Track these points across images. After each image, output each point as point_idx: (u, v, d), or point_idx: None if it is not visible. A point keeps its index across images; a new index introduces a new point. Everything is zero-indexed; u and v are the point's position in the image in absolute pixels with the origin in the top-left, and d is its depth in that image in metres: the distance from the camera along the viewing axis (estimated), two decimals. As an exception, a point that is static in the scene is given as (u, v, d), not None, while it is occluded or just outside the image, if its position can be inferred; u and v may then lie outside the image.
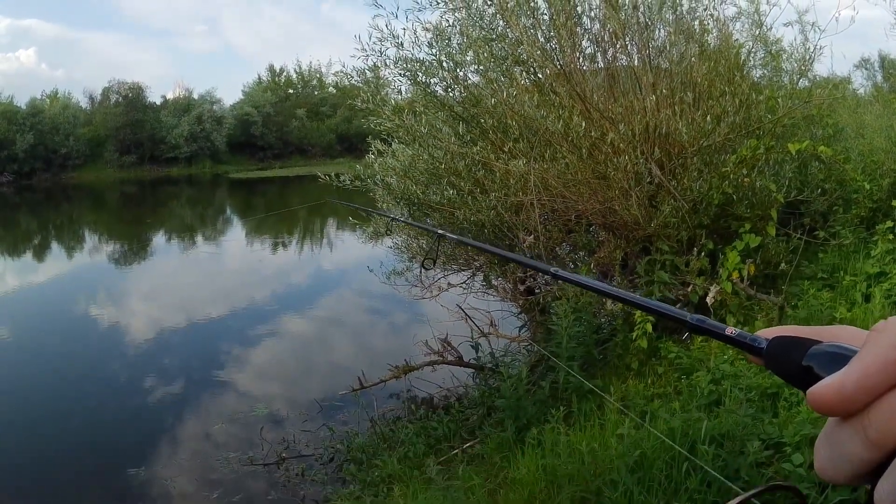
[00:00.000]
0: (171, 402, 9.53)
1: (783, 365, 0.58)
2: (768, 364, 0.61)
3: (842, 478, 0.49)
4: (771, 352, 0.60)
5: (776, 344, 0.60)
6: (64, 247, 26.37)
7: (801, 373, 0.55)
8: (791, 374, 0.57)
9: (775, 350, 0.60)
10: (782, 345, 0.59)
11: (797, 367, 0.56)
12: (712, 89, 6.91)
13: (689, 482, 3.70)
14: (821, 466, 0.51)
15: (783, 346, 0.59)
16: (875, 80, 23.43)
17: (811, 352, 0.55)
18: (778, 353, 0.59)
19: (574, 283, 1.37)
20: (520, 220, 7.26)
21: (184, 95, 70.01)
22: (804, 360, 0.55)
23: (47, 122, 59.18)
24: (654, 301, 1.00)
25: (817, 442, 0.52)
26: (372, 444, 7.16)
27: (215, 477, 7.24)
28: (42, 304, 16.77)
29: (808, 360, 0.55)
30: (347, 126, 71.99)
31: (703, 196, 6.69)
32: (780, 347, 0.59)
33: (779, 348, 0.59)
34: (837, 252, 7.26)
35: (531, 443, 5.13)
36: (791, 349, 0.57)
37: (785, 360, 0.58)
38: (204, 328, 13.54)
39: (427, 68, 7.53)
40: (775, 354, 0.60)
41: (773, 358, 0.60)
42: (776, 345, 0.60)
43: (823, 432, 0.51)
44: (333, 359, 11.49)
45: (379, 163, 8.60)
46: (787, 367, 0.57)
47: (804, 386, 0.53)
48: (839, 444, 0.48)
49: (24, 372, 11.04)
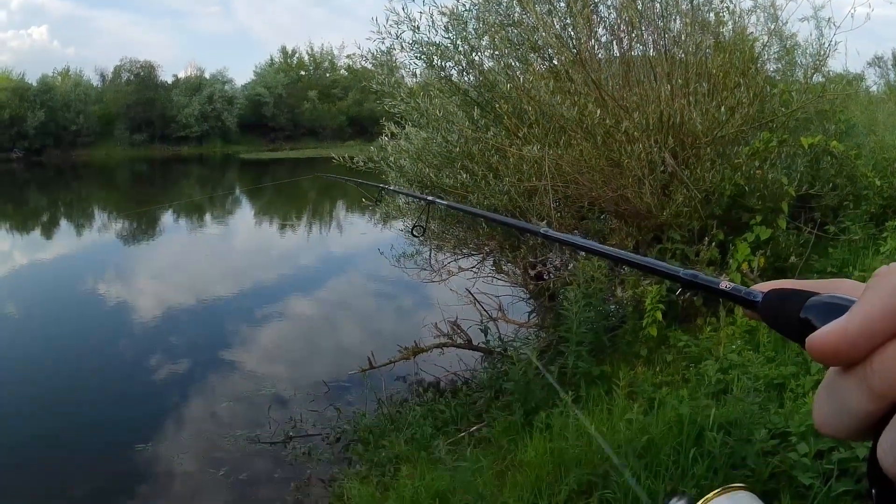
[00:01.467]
0: (178, 381, 9.56)
1: (779, 317, 0.56)
2: (764, 317, 0.59)
3: (843, 432, 0.47)
4: (767, 304, 0.59)
5: (772, 296, 0.58)
6: (73, 224, 26.45)
7: (799, 325, 0.52)
8: (788, 326, 0.54)
9: (771, 302, 0.58)
10: (779, 297, 0.57)
11: (795, 320, 0.53)
12: (727, 81, 6.90)
13: (696, 468, 3.72)
14: (821, 421, 0.49)
15: (779, 298, 0.57)
16: (888, 77, 23.32)
17: (809, 303, 0.52)
18: (774, 306, 0.57)
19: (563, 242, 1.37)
20: (533, 205, 7.27)
21: (195, 75, 70.16)
22: (802, 312, 0.53)
23: (58, 99, 59.37)
24: (646, 258, 0.97)
25: (816, 395, 0.49)
26: (379, 425, 7.17)
27: (221, 455, 7.26)
28: (50, 281, 16.80)
29: (806, 311, 0.52)
30: (359, 109, 71.95)
31: (716, 187, 6.69)
32: (776, 300, 0.57)
33: (775, 300, 0.57)
34: (847, 247, 7.26)
35: (539, 426, 5.16)
36: (788, 301, 0.55)
37: (781, 313, 0.56)
38: (211, 307, 13.56)
39: (443, 52, 7.53)
40: (771, 307, 0.58)
41: (768, 310, 0.58)
42: (772, 297, 0.58)
43: (823, 385, 0.49)
44: (341, 340, 11.51)
45: (392, 145, 8.59)
46: (783, 319, 0.55)
47: (802, 339, 0.50)
48: (840, 395, 0.46)
49: (30, 348, 11.07)
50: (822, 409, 0.49)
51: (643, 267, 0.97)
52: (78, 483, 6.93)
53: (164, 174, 49.56)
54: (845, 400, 0.46)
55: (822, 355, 0.46)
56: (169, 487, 6.80)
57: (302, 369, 9.98)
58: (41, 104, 57.69)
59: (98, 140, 62.08)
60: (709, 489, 3.29)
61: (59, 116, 58.86)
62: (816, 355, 0.47)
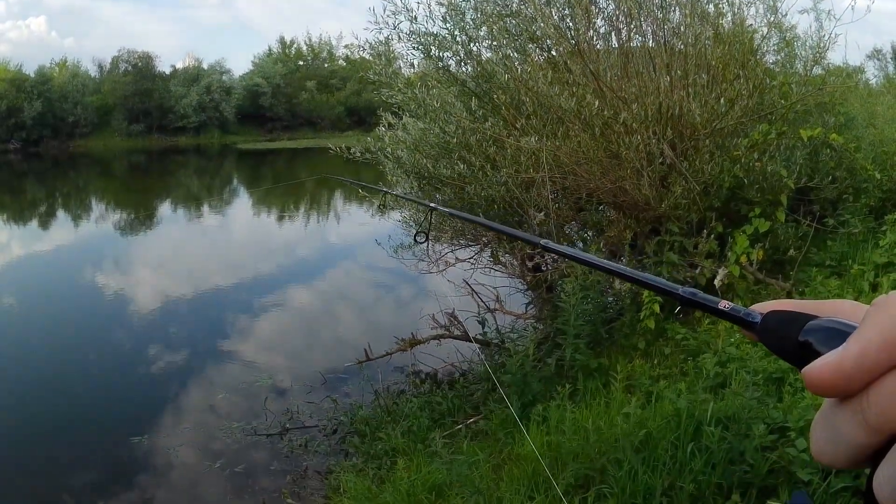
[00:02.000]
0: (176, 372, 9.57)
1: (778, 340, 0.55)
2: (763, 339, 0.58)
3: (840, 462, 0.47)
4: (765, 326, 0.57)
5: (771, 318, 0.57)
6: (70, 215, 26.39)
7: (797, 348, 0.52)
8: (786, 349, 0.54)
9: (770, 324, 0.57)
10: (778, 319, 0.56)
11: (793, 343, 0.52)
12: (726, 72, 6.87)
13: (693, 463, 3.70)
14: (818, 450, 0.48)
15: (779, 321, 0.56)
16: (887, 70, 23.31)
17: (808, 327, 0.52)
18: (773, 328, 0.56)
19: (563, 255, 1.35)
20: (530, 196, 7.24)
21: (193, 65, 70.06)
22: (801, 335, 0.52)
23: (56, 90, 59.32)
24: (645, 274, 0.96)
25: (814, 423, 0.49)
26: (376, 417, 7.18)
27: (218, 447, 7.26)
28: (47, 272, 16.79)
29: (805, 335, 0.52)
30: (357, 99, 71.95)
31: (715, 179, 6.67)
32: (775, 322, 0.56)
33: (774, 322, 0.56)
34: (846, 240, 7.25)
35: (536, 419, 5.14)
36: (787, 324, 0.54)
37: (780, 335, 0.55)
38: (209, 298, 13.57)
39: (440, 42, 7.48)
40: (770, 329, 0.57)
41: (767, 332, 0.57)
42: (771, 319, 0.57)
43: (820, 413, 0.48)
44: (338, 331, 11.51)
45: (389, 136, 8.56)
46: (782, 342, 0.54)
47: (800, 363, 0.50)
48: (837, 426, 0.46)
49: (28, 339, 11.06)
50: (818, 438, 0.48)
51: (643, 283, 0.96)
52: (74, 473, 6.94)
53: (161, 165, 49.58)
54: (841, 431, 0.46)
55: (818, 388, 0.46)
56: (166, 479, 6.81)
57: (299, 360, 9.98)
58: (38, 95, 57.60)
59: (95, 131, 62.04)
60: (706, 484, 3.27)
61: (56, 107, 58.79)
62: (812, 387, 0.46)
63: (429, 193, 8.39)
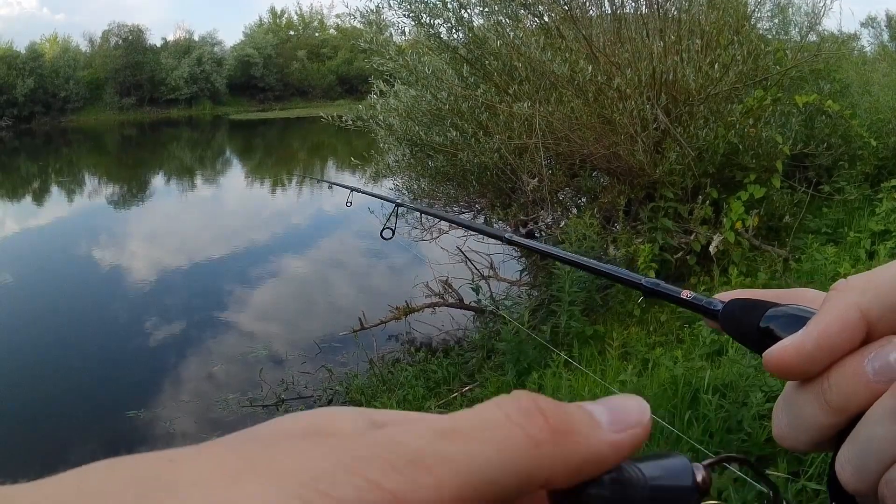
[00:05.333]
0: (171, 344, 9.56)
1: (740, 327, 0.55)
2: (724, 326, 0.57)
3: (802, 444, 0.47)
4: (727, 314, 0.57)
5: (732, 306, 0.56)
6: (63, 190, 26.26)
7: (759, 335, 0.52)
8: (748, 336, 0.54)
9: (732, 312, 0.56)
10: (739, 307, 0.56)
11: (754, 330, 0.52)
12: (720, 38, 6.82)
13: (691, 432, 3.68)
14: (780, 433, 0.48)
15: (740, 308, 0.55)
16: (882, 38, 23.20)
17: (769, 314, 0.52)
18: (734, 316, 0.56)
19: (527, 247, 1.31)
20: (523, 163, 7.20)
21: (184, 37, 69.68)
22: (762, 321, 0.52)
23: (47, 66, 58.90)
24: (609, 266, 0.95)
25: (775, 407, 0.49)
26: (371, 386, 7.16)
27: (214, 418, 7.25)
28: (41, 247, 16.76)
29: (766, 321, 0.51)
30: (348, 68, 71.58)
31: (709, 144, 6.63)
32: (736, 309, 0.56)
33: (735, 310, 0.56)
34: (842, 207, 7.24)
35: (531, 387, 5.12)
36: (748, 311, 0.54)
37: (741, 323, 0.54)
38: (203, 269, 13.54)
39: (431, 9, 7.41)
40: (732, 317, 0.56)
41: (729, 320, 0.56)
42: (732, 307, 0.56)
43: (782, 397, 0.48)
44: (333, 300, 11.49)
45: (381, 104, 8.50)
46: (743, 329, 0.54)
47: (762, 349, 0.49)
48: (798, 409, 0.46)
49: (22, 314, 11.06)
50: (780, 421, 0.49)
51: (607, 275, 0.96)
52: (70, 446, 6.94)
53: (153, 137, 49.44)
54: (803, 414, 0.46)
55: (779, 370, 0.46)
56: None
57: (294, 330, 9.97)
58: (30, 71, 57.17)
59: (87, 105, 61.68)
60: (704, 456, 3.24)
61: (47, 83, 58.35)
62: (773, 370, 0.46)
63: (421, 160, 8.34)
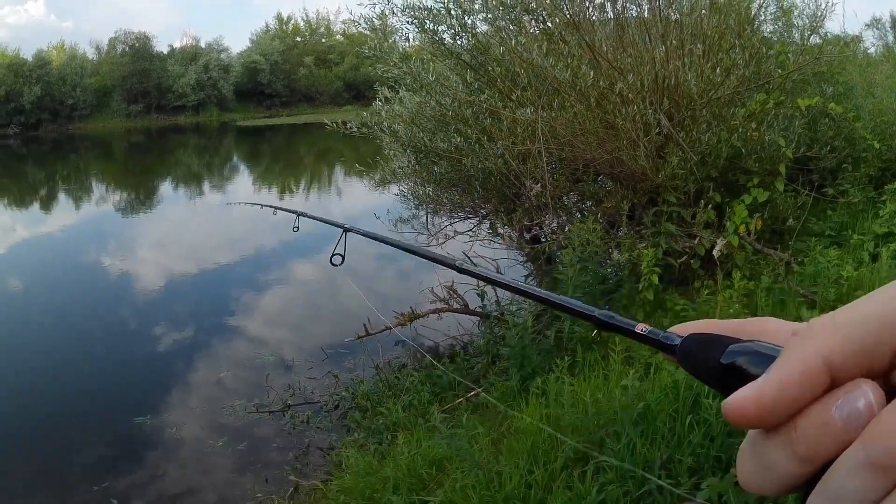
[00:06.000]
0: (179, 350, 9.61)
1: (698, 364, 0.53)
2: (682, 362, 0.56)
3: (770, 491, 0.45)
4: (685, 350, 0.55)
5: (691, 341, 0.55)
6: (71, 197, 26.35)
7: (719, 373, 0.50)
8: (708, 374, 0.52)
9: (690, 348, 0.55)
10: (698, 342, 0.54)
11: (715, 367, 0.51)
12: (722, 42, 6.82)
13: (692, 436, 3.69)
14: (745, 480, 0.47)
15: (698, 344, 0.54)
16: (886, 40, 23.17)
17: (730, 350, 0.50)
18: (692, 351, 0.54)
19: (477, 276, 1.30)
20: (527, 168, 7.22)
21: (191, 44, 69.97)
22: (723, 357, 0.50)
23: (54, 73, 59.23)
24: (562, 297, 0.91)
25: (740, 452, 0.47)
26: (377, 392, 7.20)
27: (221, 424, 7.30)
28: (50, 253, 16.91)
29: (728, 357, 0.50)
30: (355, 74, 71.69)
31: (712, 148, 6.63)
32: (694, 345, 0.54)
33: (694, 346, 0.54)
34: (846, 210, 7.24)
35: (535, 392, 5.14)
36: (707, 346, 0.52)
37: (701, 359, 0.53)
38: (211, 275, 13.63)
39: (435, 16, 7.44)
40: (690, 353, 0.55)
41: (687, 356, 0.55)
42: (691, 342, 0.55)
43: (746, 443, 0.47)
44: (339, 305, 11.51)
45: (386, 110, 8.53)
46: (702, 366, 0.53)
47: (723, 387, 0.49)
48: (765, 457, 0.45)
49: (32, 320, 11.14)
50: (745, 467, 0.47)
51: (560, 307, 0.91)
52: (78, 452, 7.00)
53: (160, 144, 49.62)
54: (769, 462, 0.44)
55: (739, 422, 0.44)
56: (169, 457, 6.85)
57: (301, 335, 10.02)
58: (37, 79, 57.43)
59: (94, 112, 61.96)
60: (705, 458, 3.25)
61: (55, 90, 58.65)
62: (732, 420, 0.45)
63: (426, 167, 8.37)
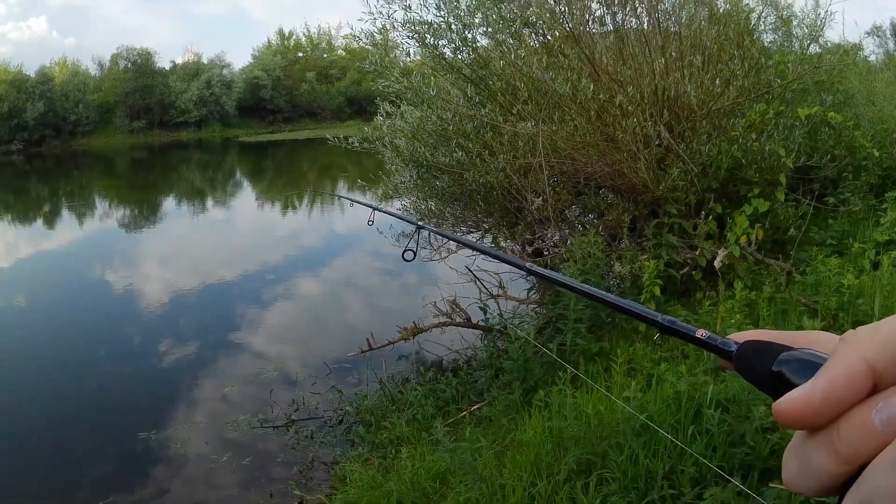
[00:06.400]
0: (184, 365, 9.63)
1: (753, 370, 0.56)
2: (738, 368, 0.59)
3: (812, 490, 0.48)
4: (741, 356, 0.59)
5: (746, 348, 0.58)
6: (75, 213, 26.40)
7: (771, 379, 0.53)
8: (761, 379, 0.55)
9: (745, 354, 0.58)
10: (752, 349, 0.57)
11: (767, 373, 0.54)
12: (721, 53, 6.85)
13: (694, 446, 3.70)
14: (789, 479, 0.49)
15: (753, 351, 0.57)
16: (887, 47, 23.23)
17: (782, 357, 0.53)
18: (748, 358, 0.57)
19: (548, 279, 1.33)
20: (528, 182, 7.24)
21: (193, 60, 70.02)
22: (774, 365, 0.53)
23: (57, 90, 59.30)
24: (627, 301, 0.97)
25: (786, 454, 0.50)
26: (381, 406, 7.21)
27: (225, 439, 7.30)
28: (55, 270, 16.93)
29: (779, 365, 0.53)
30: (357, 89, 71.71)
31: (712, 159, 6.65)
32: (750, 352, 0.57)
33: (749, 352, 0.57)
34: (847, 219, 7.24)
35: (538, 405, 5.15)
36: (761, 354, 0.55)
37: (754, 365, 0.56)
38: (215, 291, 13.63)
39: (435, 30, 7.48)
40: (745, 359, 0.58)
41: (742, 362, 0.58)
42: (746, 349, 0.58)
43: (792, 444, 0.50)
44: (343, 320, 11.55)
45: (387, 125, 8.56)
46: (756, 372, 0.56)
47: (773, 392, 0.52)
48: (808, 457, 0.47)
49: (37, 335, 11.16)
50: (790, 468, 0.49)
51: (624, 310, 0.97)
52: (84, 467, 7.04)
53: (164, 160, 49.70)
54: (813, 462, 0.47)
55: (788, 422, 0.47)
56: (174, 472, 6.86)
57: (304, 350, 10.03)
58: (40, 95, 57.54)
59: (97, 129, 62.04)
60: (707, 468, 3.26)
61: (58, 107, 58.74)
62: (782, 421, 0.47)
63: (428, 181, 8.39)
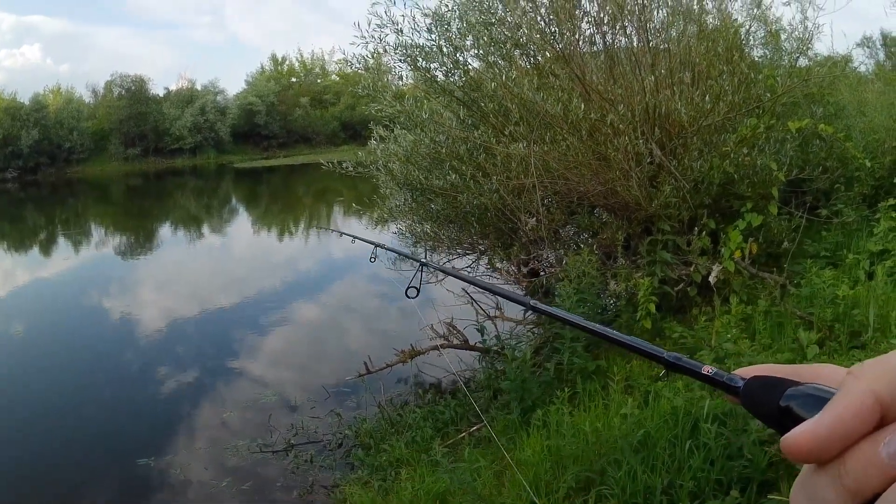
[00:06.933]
0: (182, 391, 9.62)
1: (760, 405, 0.56)
2: (745, 404, 0.59)
3: None
4: (748, 391, 0.58)
5: (753, 384, 0.58)
6: (71, 241, 26.40)
7: (778, 414, 0.53)
8: (768, 414, 0.55)
9: (752, 390, 0.58)
10: (759, 384, 0.57)
11: (774, 408, 0.54)
12: (711, 69, 6.89)
13: (692, 461, 3.72)
14: None
15: (760, 386, 0.57)
16: (877, 58, 23.33)
17: (788, 392, 0.53)
18: (755, 393, 0.57)
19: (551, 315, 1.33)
20: (522, 202, 7.27)
21: (187, 87, 70.12)
22: (781, 400, 0.53)
23: (51, 117, 59.32)
24: (632, 338, 0.95)
25: (794, 488, 0.50)
26: (380, 429, 7.21)
27: (225, 465, 7.29)
28: (53, 297, 16.94)
29: (786, 400, 0.53)
30: (351, 113, 71.76)
31: (704, 175, 6.68)
32: (756, 387, 0.57)
33: (756, 388, 0.57)
34: (840, 230, 7.26)
35: (536, 424, 5.16)
36: (768, 389, 0.55)
37: (762, 401, 0.56)
38: (212, 317, 13.62)
39: (427, 54, 7.52)
40: (752, 394, 0.58)
41: (749, 398, 0.58)
42: (753, 384, 0.58)
43: (799, 479, 0.50)
44: (341, 344, 11.55)
45: (381, 149, 8.58)
46: (763, 407, 0.56)
47: (781, 427, 0.51)
48: (815, 491, 0.47)
49: (36, 363, 11.15)
50: (797, 500, 0.49)
51: (629, 347, 0.95)
52: (83, 494, 7.06)
53: (158, 187, 49.73)
54: (820, 496, 0.47)
55: (796, 456, 0.47)
56: (174, 498, 6.85)
57: (303, 375, 10.02)
58: (34, 123, 57.58)
59: (92, 156, 62.06)
60: (706, 481, 3.28)
61: (52, 134, 58.76)
62: (790, 455, 0.47)
63: (422, 204, 8.41)
